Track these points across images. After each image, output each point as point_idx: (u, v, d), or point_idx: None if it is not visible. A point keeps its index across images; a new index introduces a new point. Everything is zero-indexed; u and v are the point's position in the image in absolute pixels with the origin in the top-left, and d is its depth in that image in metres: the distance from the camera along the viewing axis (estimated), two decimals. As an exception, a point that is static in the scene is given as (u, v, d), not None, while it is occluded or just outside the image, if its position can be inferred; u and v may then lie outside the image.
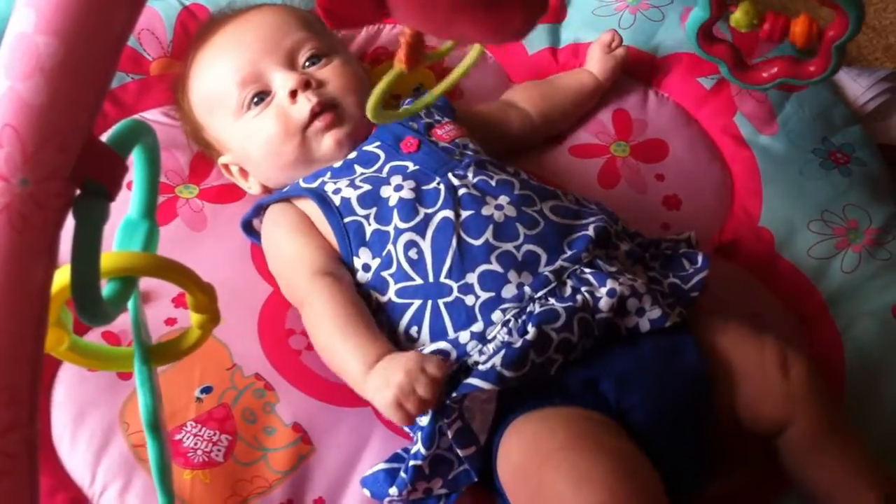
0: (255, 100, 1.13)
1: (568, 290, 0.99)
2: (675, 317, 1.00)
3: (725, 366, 0.99)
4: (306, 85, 1.12)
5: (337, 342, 1.00)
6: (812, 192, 1.25)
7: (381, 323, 1.02)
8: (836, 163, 1.28)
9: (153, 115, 1.29)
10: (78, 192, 0.54)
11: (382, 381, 0.93)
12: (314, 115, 1.11)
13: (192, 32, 1.31)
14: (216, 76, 1.16)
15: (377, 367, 0.95)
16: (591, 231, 1.03)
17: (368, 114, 0.82)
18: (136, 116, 1.25)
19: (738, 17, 1.05)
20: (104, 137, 0.59)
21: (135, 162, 0.65)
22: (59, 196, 0.52)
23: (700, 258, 1.07)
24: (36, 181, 0.50)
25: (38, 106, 0.49)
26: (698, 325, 1.02)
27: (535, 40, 1.37)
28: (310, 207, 1.10)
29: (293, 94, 1.11)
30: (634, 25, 1.37)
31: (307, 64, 1.15)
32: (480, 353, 0.97)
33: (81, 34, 0.49)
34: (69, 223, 0.55)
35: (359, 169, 1.10)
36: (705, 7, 1.05)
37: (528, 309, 0.98)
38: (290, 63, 1.14)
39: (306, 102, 1.11)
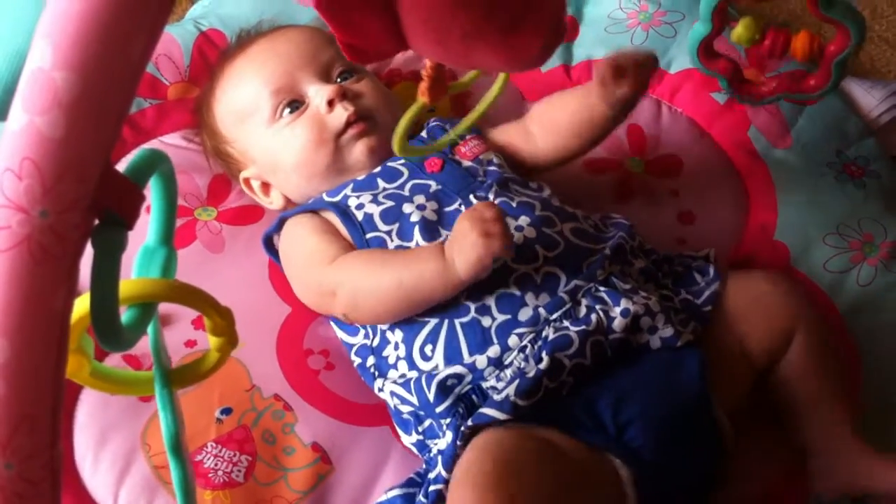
0: (288, 109, 1.15)
1: (583, 311, 0.99)
2: (688, 335, 1.01)
3: (728, 307, 1.05)
4: (343, 95, 1.13)
5: (398, 272, 0.99)
6: (827, 206, 1.24)
7: (394, 340, 1.03)
8: (850, 176, 1.28)
9: (172, 140, 1.30)
10: (96, 221, 0.55)
11: (458, 245, 0.95)
12: (348, 124, 1.13)
13: (210, 57, 1.33)
14: (250, 85, 1.17)
15: (445, 248, 0.97)
16: (607, 249, 1.04)
17: (395, 149, 0.83)
18: (152, 145, 1.27)
19: (739, 32, 1.06)
20: (121, 166, 0.60)
21: (152, 190, 0.66)
22: (78, 226, 0.53)
23: (711, 270, 1.08)
24: (55, 212, 0.51)
25: (56, 139, 0.50)
26: None
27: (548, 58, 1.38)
28: (333, 219, 1.10)
29: (330, 102, 1.13)
30: (647, 42, 1.37)
31: (339, 79, 1.17)
32: (497, 378, 0.98)
33: (99, 68, 0.50)
34: (88, 251, 0.56)
35: (381, 183, 1.11)
36: (707, 22, 1.05)
37: (544, 333, 0.98)
38: (325, 76, 1.16)
39: (343, 111, 1.13)
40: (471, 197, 1.07)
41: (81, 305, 0.59)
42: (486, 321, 0.99)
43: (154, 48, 0.52)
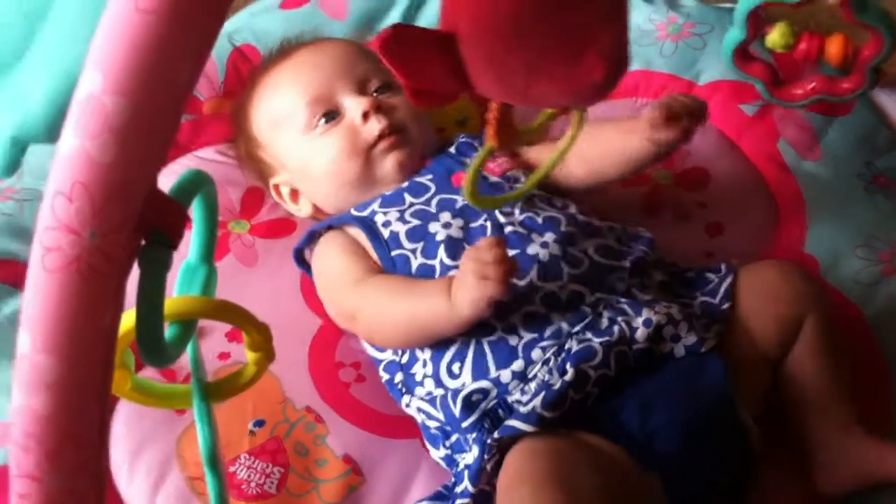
0: (324, 119, 1.16)
1: (605, 322, 1.00)
2: (712, 340, 1.01)
3: (736, 298, 1.05)
4: (378, 108, 1.15)
5: (412, 305, 1.01)
6: (857, 218, 1.24)
7: (423, 358, 1.04)
8: (880, 187, 1.27)
9: (206, 154, 1.32)
10: (143, 241, 0.56)
11: (459, 284, 0.95)
12: (381, 137, 1.14)
13: (243, 73, 1.35)
14: (288, 94, 1.19)
15: (452, 285, 0.97)
16: (628, 263, 1.05)
17: (466, 198, 0.83)
18: (187, 159, 1.29)
19: (774, 37, 1.06)
20: (164, 185, 0.61)
21: (194, 209, 0.67)
22: (125, 247, 0.54)
23: (723, 266, 1.09)
24: (103, 234, 0.52)
25: (106, 163, 0.51)
26: None
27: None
28: (360, 236, 1.12)
29: (365, 115, 1.14)
30: (676, 53, 1.38)
31: (375, 92, 1.18)
32: (522, 392, 0.98)
33: (148, 92, 0.51)
34: (134, 270, 0.58)
35: (409, 199, 1.12)
36: (742, 28, 1.06)
37: (567, 346, 0.99)
38: (362, 89, 1.18)
39: (377, 124, 1.14)
40: (496, 213, 1.07)
41: (126, 321, 0.60)
42: (513, 340, 1.00)
43: (200, 74, 0.54)
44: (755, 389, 1.03)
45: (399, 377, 1.06)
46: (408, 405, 1.05)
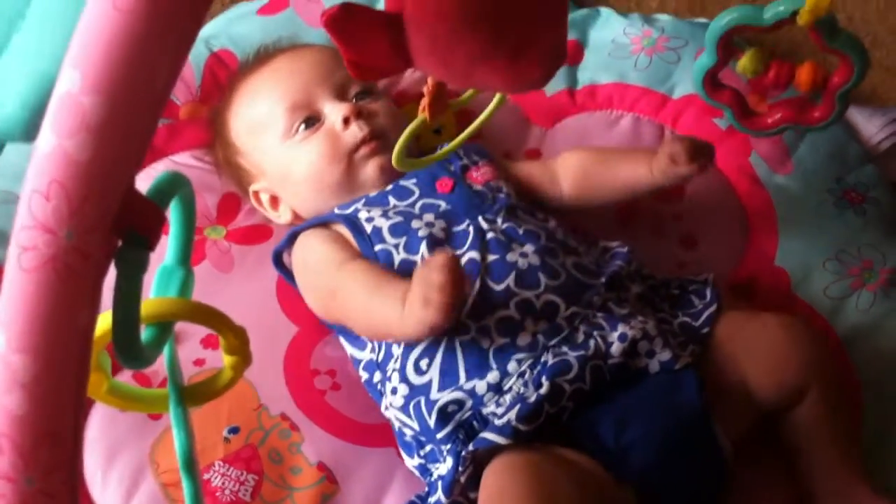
0: (304, 125, 1.17)
1: (580, 336, 1.01)
2: (687, 357, 1.02)
3: (737, 349, 1.04)
4: (359, 113, 1.15)
5: (370, 301, 1.01)
6: (827, 232, 1.25)
7: (396, 354, 1.04)
8: (850, 202, 1.28)
9: (182, 159, 1.32)
10: (119, 242, 0.56)
11: (409, 300, 0.94)
12: (362, 142, 1.14)
13: (221, 78, 1.35)
14: (267, 100, 1.19)
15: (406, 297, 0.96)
16: (604, 279, 1.05)
17: (394, 162, 0.84)
18: (163, 164, 1.29)
19: (744, 63, 1.07)
20: (141, 186, 0.61)
21: (171, 211, 0.67)
22: (102, 247, 0.54)
23: (708, 293, 1.09)
24: (80, 233, 0.52)
25: (83, 162, 0.51)
26: None
27: (553, 82, 1.35)
28: (343, 231, 1.12)
29: (346, 120, 1.15)
30: (650, 67, 1.39)
31: (355, 98, 1.19)
32: (497, 404, 0.99)
33: (125, 92, 0.51)
34: (111, 272, 0.58)
35: (392, 201, 1.13)
36: (712, 54, 1.07)
37: (542, 359, 0.99)
38: (341, 94, 1.18)
39: (357, 129, 1.15)
40: (479, 218, 1.08)
41: (102, 323, 0.60)
42: (485, 343, 1.00)
43: (178, 75, 0.54)
44: (736, 423, 1.03)
45: (378, 376, 1.07)
46: (386, 408, 1.05)
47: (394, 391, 1.03)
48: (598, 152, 1.23)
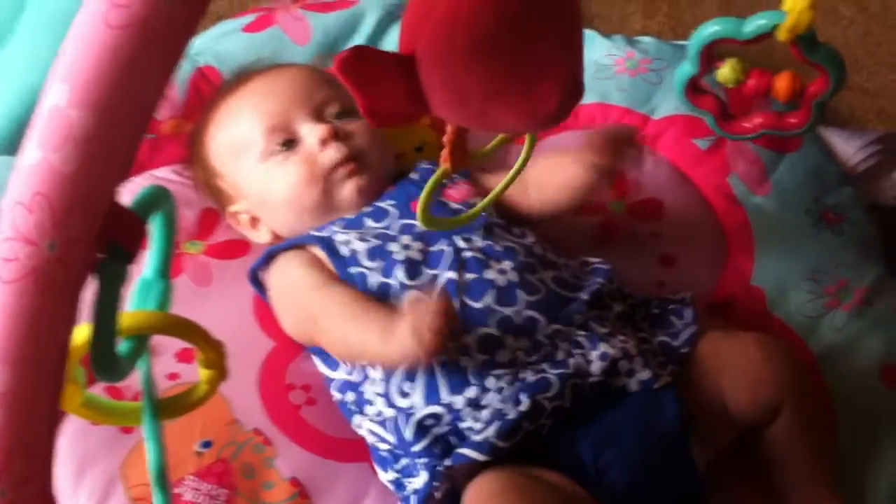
0: (282, 147, 1.16)
1: (561, 354, 1.01)
2: (667, 377, 1.02)
3: (714, 367, 1.04)
4: (336, 135, 1.14)
5: (350, 325, 1.01)
6: (804, 252, 1.27)
7: (374, 377, 1.03)
8: (828, 223, 1.30)
9: (163, 173, 1.31)
10: (100, 254, 0.56)
11: (396, 332, 0.94)
12: (339, 163, 1.14)
13: (205, 94, 1.34)
14: (244, 122, 1.18)
15: (395, 329, 0.95)
16: (586, 295, 1.05)
17: (419, 221, 0.84)
18: (144, 178, 1.28)
19: (724, 72, 1.09)
20: (126, 201, 0.61)
21: (153, 224, 0.67)
22: (84, 259, 0.54)
23: (687, 313, 1.09)
24: (62, 245, 0.52)
25: (68, 175, 0.51)
26: None
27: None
28: (319, 253, 1.11)
29: (323, 142, 1.14)
30: (632, 88, 1.40)
31: (334, 119, 1.18)
32: (475, 419, 0.98)
33: (113, 107, 0.51)
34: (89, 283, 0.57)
35: (369, 223, 1.12)
36: (694, 62, 1.08)
37: (521, 376, 0.99)
38: (319, 116, 1.17)
39: (334, 151, 1.14)
40: (456, 238, 1.08)
41: (78, 335, 0.59)
42: (464, 361, 1.00)
43: (165, 89, 0.54)
44: (713, 442, 1.04)
45: (351, 396, 1.06)
46: (359, 426, 1.05)
47: (378, 413, 1.03)
48: (538, 155, 1.22)
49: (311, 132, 1.15)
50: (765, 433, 1.04)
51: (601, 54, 1.44)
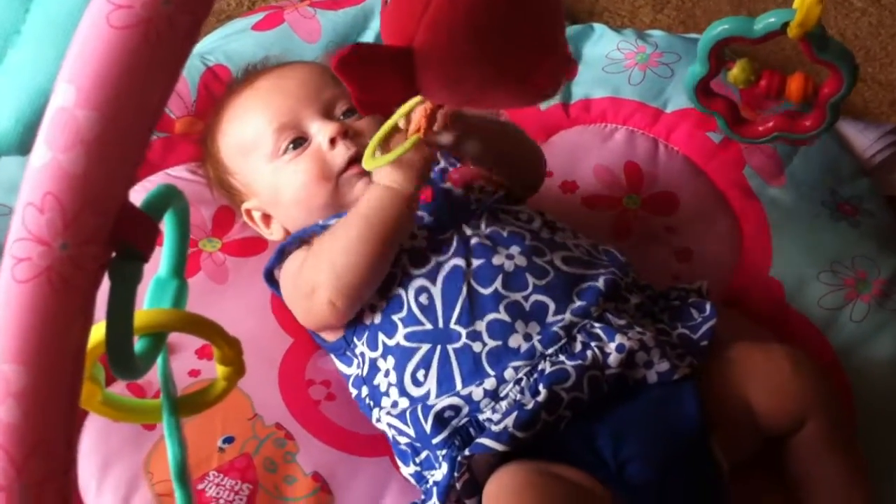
0: (292, 145, 1.16)
1: (578, 346, 1.01)
2: (685, 369, 1.02)
3: (739, 372, 1.04)
4: (345, 133, 1.15)
5: (358, 217, 1.06)
6: (821, 244, 1.26)
7: (385, 367, 1.04)
8: (844, 214, 1.30)
9: (178, 172, 1.32)
10: (113, 254, 0.57)
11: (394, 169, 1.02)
12: (350, 163, 1.14)
13: (216, 92, 1.35)
14: (254, 121, 1.18)
15: (382, 178, 1.04)
16: (600, 283, 1.05)
17: (364, 164, 0.88)
18: (159, 177, 1.29)
19: (735, 73, 1.08)
20: (136, 199, 0.62)
21: (166, 223, 0.68)
22: (97, 258, 0.54)
23: (708, 307, 1.09)
24: (75, 245, 0.53)
25: (78, 175, 0.52)
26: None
27: (548, 96, 1.40)
28: None
29: (332, 141, 1.14)
30: (644, 82, 1.40)
31: (343, 116, 1.18)
32: (493, 410, 0.99)
33: (120, 108, 0.52)
34: (104, 283, 0.58)
35: None
36: (704, 63, 1.08)
37: (540, 367, 1.00)
38: (328, 114, 1.17)
39: (344, 150, 1.13)
40: (463, 226, 1.08)
41: (95, 334, 0.60)
42: (477, 346, 1.01)
43: (172, 90, 0.54)
44: (736, 445, 1.03)
45: (365, 391, 1.07)
46: (378, 420, 1.06)
47: (394, 405, 1.03)
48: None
49: (320, 131, 1.15)
50: (789, 442, 1.03)
51: (612, 48, 1.44)
